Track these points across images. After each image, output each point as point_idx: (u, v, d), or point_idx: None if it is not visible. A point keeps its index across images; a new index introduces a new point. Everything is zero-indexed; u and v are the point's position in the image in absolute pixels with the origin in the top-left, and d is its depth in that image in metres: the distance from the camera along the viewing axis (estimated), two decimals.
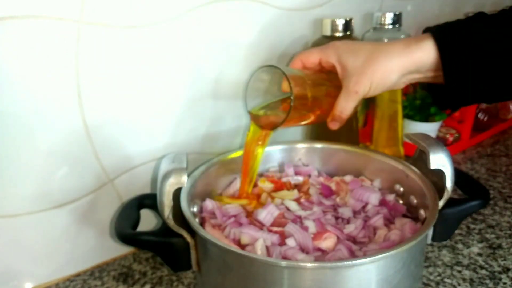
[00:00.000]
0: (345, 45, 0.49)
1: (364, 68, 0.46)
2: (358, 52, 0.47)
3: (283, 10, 0.66)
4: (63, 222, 0.55)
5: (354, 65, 0.47)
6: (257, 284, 0.40)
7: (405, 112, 0.84)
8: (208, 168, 0.55)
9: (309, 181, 0.60)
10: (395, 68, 0.45)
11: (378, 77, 0.46)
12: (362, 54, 0.47)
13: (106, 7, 0.49)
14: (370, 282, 0.40)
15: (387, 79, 0.46)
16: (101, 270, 0.59)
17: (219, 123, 0.65)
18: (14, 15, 0.44)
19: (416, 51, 0.45)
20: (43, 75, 0.47)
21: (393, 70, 0.46)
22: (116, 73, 0.52)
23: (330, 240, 0.46)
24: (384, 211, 0.53)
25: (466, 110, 0.91)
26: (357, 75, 0.46)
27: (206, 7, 0.57)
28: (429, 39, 0.44)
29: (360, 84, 0.46)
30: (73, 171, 0.53)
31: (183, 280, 0.56)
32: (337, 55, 0.48)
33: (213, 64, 0.61)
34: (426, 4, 0.93)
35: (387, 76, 0.46)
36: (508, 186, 0.78)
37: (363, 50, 0.47)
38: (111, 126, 0.54)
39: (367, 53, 0.46)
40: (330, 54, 0.49)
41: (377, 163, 0.59)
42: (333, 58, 0.49)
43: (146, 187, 0.61)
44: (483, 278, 0.55)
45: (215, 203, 0.54)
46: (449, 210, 0.47)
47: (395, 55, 0.45)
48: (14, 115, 0.47)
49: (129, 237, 0.45)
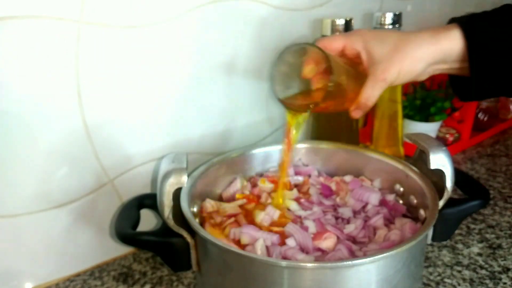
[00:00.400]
0: (371, 32, 0.48)
1: (393, 56, 0.45)
2: (385, 39, 0.46)
3: (283, 10, 0.66)
4: (63, 222, 0.55)
5: (381, 53, 0.46)
6: (257, 284, 0.40)
7: (405, 112, 0.84)
8: (208, 168, 0.55)
9: (309, 181, 0.60)
10: (424, 56, 0.45)
11: (406, 65, 0.45)
12: (390, 41, 0.46)
13: (106, 7, 0.49)
14: (370, 282, 0.40)
15: (415, 68, 0.46)
16: (101, 270, 0.59)
17: (219, 123, 0.65)
18: (14, 15, 0.44)
19: (444, 40, 0.44)
20: (43, 75, 0.47)
21: (422, 59, 0.45)
22: (116, 73, 0.52)
23: (330, 240, 0.46)
24: (384, 211, 0.53)
25: (466, 110, 0.91)
26: (385, 63, 0.45)
27: (206, 7, 0.57)
28: (457, 29, 0.44)
29: (388, 72, 0.45)
30: (73, 171, 0.53)
31: (183, 280, 0.56)
32: (363, 42, 0.47)
33: (213, 64, 0.61)
34: (426, 4, 0.94)
35: (416, 65, 0.46)
36: (508, 186, 0.78)
37: (390, 37, 0.46)
38: (111, 126, 0.54)
39: (395, 40, 0.46)
40: (355, 41, 0.48)
41: (377, 163, 0.59)
42: (359, 44, 0.47)
43: (146, 187, 0.61)
44: (483, 278, 0.55)
45: (214, 203, 0.54)
46: (449, 210, 0.47)
47: (424, 43, 0.45)
48: (14, 115, 0.47)
49: (129, 237, 0.45)
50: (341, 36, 0.49)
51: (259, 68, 0.67)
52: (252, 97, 0.68)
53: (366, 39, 0.47)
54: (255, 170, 0.62)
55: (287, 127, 0.52)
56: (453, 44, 0.44)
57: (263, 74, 0.68)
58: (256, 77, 0.67)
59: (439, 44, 0.44)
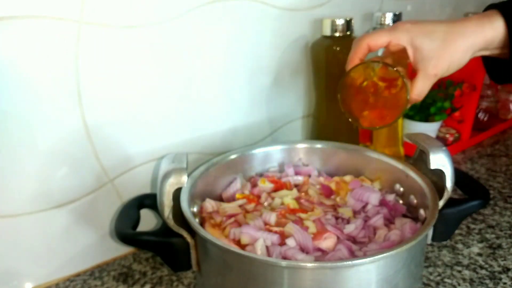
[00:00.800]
0: (416, 26, 0.47)
1: (442, 50, 0.45)
2: (432, 33, 0.46)
3: (283, 10, 0.66)
4: (63, 222, 0.55)
5: (430, 48, 0.46)
6: (257, 284, 0.40)
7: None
8: (208, 168, 0.55)
9: (309, 181, 0.60)
10: (470, 48, 0.46)
11: (456, 59, 0.46)
12: (437, 35, 0.46)
13: (106, 7, 0.49)
14: (370, 282, 0.40)
15: (463, 60, 0.46)
16: (101, 270, 0.59)
17: (219, 123, 0.65)
18: (14, 15, 0.44)
19: (489, 30, 0.45)
20: (43, 75, 0.47)
21: (469, 50, 0.46)
22: (116, 73, 0.52)
23: (330, 240, 0.46)
24: (384, 211, 0.53)
25: (466, 110, 0.91)
26: (436, 58, 0.46)
27: (206, 7, 0.57)
28: (499, 17, 0.45)
29: (440, 67, 0.46)
30: (73, 171, 0.53)
31: (183, 280, 0.56)
32: (409, 37, 0.47)
33: (213, 64, 0.61)
34: (426, 4, 0.94)
35: (463, 57, 0.46)
36: (508, 186, 0.78)
37: (437, 31, 0.46)
38: (111, 126, 0.54)
39: (442, 34, 0.46)
40: (401, 37, 0.47)
41: (377, 163, 0.59)
42: (405, 40, 0.47)
43: (146, 187, 0.61)
44: (483, 278, 0.55)
45: (214, 203, 0.54)
46: (449, 210, 0.47)
47: (471, 34, 0.45)
48: (14, 115, 0.47)
49: (129, 237, 0.45)
50: (385, 32, 0.48)
51: (259, 68, 0.67)
52: (252, 97, 0.68)
53: (412, 35, 0.47)
54: (255, 170, 0.62)
55: None
56: (497, 32, 0.45)
57: (263, 74, 0.68)
58: (256, 77, 0.68)
59: (484, 33, 0.45)
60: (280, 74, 0.71)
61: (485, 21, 0.45)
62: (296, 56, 0.72)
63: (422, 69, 0.47)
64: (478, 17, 0.46)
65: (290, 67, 0.72)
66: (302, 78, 0.75)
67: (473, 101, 0.90)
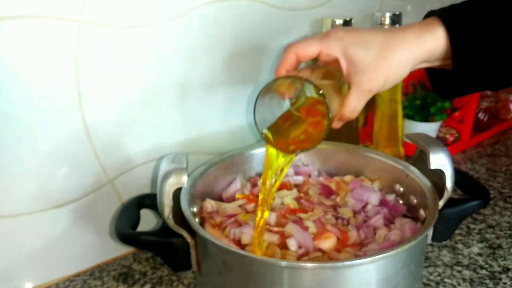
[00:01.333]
0: (350, 36, 0.43)
1: (377, 64, 0.41)
2: (368, 44, 0.42)
3: (283, 10, 0.66)
4: (63, 222, 0.55)
5: (364, 60, 0.42)
6: (257, 284, 0.40)
7: (405, 112, 0.84)
8: (208, 168, 0.55)
9: (309, 181, 0.60)
10: (409, 60, 0.42)
11: (393, 72, 0.42)
12: (373, 46, 0.42)
13: (106, 7, 0.49)
14: (370, 282, 0.40)
15: (401, 73, 0.43)
16: (101, 270, 0.59)
17: (219, 123, 0.65)
18: (14, 15, 0.44)
19: (429, 40, 0.41)
20: (43, 75, 0.47)
21: (408, 63, 0.42)
22: (116, 73, 0.52)
23: (330, 240, 0.46)
24: (384, 211, 0.53)
25: (466, 110, 0.91)
26: (370, 72, 0.42)
27: (206, 7, 0.57)
28: (441, 28, 0.41)
29: (374, 82, 0.42)
30: (73, 171, 0.53)
31: (183, 280, 0.56)
32: (342, 48, 0.42)
33: (213, 64, 0.61)
34: (426, 4, 0.93)
35: (402, 70, 0.42)
36: (508, 186, 0.78)
37: (373, 41, 0.42)
38: (111, 126, 0.54)
39: (378, 45, 0.42)
40: (333, 47, 0.43)
41: (377, 163, 0.59)
42: (337, 51, 0.43)
43: (146, 187, 0.61)
44: (483, 278, 0.55)
45: (214, 203, 0.54)
46: (449, 210, 0.47)
47: (409, 46, 0.41)
48: (14, 115, 0.47)
49: (129, 237, 0.45)
50: (315, 41, 0.44)
51: (259, 68, 0.67)
52: (252, 97, 0.68)
53: (345, 44, 0.42)
54: (255, 170, 0.62)
55: (269, 166, 0.47)
56: (438, 43, 0.41)
57: (263, 73, 0.68)
58: (257, 77, 0.67)
59: (424, 45, 0.42)
60: None
61: (425, 32, 0.41)
62: None
63: (355, 83, 0.42)
64: (418, 26, 0.42)
65: None
66: None
67: (473, 101, 0.90)
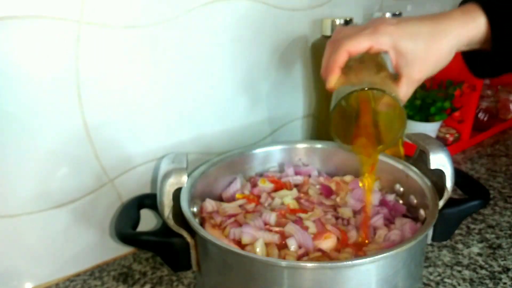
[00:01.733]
0: (398, 29, 0.45)
1: (426, 55, 0.44)
2: (416, 36, 0.44)
3: (283, 10, 0.66)
4: (63, 222, 0.55)
5: (414, 53, 0.44)
6: (257, 284, 0.40)
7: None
8: (208, 168, 0.55)
9: (309, 181, 0.60)
10: (454, 48, 0.45)
11: (440, 61, 0.45)
12: (421, 38, 0.44)
13: (106, 7, 0.49)
14: (370, 282, 0.40)
15: (448, 59, 0.45)
16: (101, 270, 0.59)
17: (219, 123, 0.65)
18: (14, 15, 0.44)
19: (473, 29, 0.44)
20: (43, 75, 0.47)
21: (452, 51, 0.45)
22: (116, 73, 0.52)
23: (330, 240, 0.46)
24: (384, 211, 0.53)
25: (466, 110, 0.91)
26: (419, 63, 0.44)
27: (206, 7, 0.57)
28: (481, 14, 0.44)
29: (424, 72, 0.45)
30: (73, 171, 0.53)
31: (183, 280, 0.56)
32: (392, 42, 0.44)
33: (213, 64, 0.61)
34: (426, 4, 0.94)
35: (447, 57, 0.45)
36: (508, 186, 0.78)
37: (421, 33, 0.44)
38: (111, 126, 0.54)
39: (426, 36, 0.44)
40: (382, 41, 0.44)
41: (377, 163, 0.58)
42: (387, 45, 0.44)
43: (146, 187, 0.61)
44: (483, 278, 0.55)
45: (214, 203, 0.54)
46: (449, 210, 0.47)
47: (456, 36, 0.44)
48: (14, 115, 0.47)
49: (129, 237, 0.45)
50: (366, 36, 0.45)
51: (259, 68, 0.67)
52: (252, 97, 0.68)
53: (395, 38, 0.44)
54: (255, 170, 0.62)
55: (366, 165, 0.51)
56: (479, 30, 0.44)
57: (263, 74, 0.68)
58: (256, 77, 0.68)
59: (468, 33, 0.44)
60: (280, 74, 0.71)
61: (469, 20, 0.44)
62: (296, 56, 0.72)
63: (406, 75, 0.45)
64: (460, 14, 0.45)
65: (290, 67, 0.72)
66: (302, 78, 0.75)
67: (473, 101, 0.90)
